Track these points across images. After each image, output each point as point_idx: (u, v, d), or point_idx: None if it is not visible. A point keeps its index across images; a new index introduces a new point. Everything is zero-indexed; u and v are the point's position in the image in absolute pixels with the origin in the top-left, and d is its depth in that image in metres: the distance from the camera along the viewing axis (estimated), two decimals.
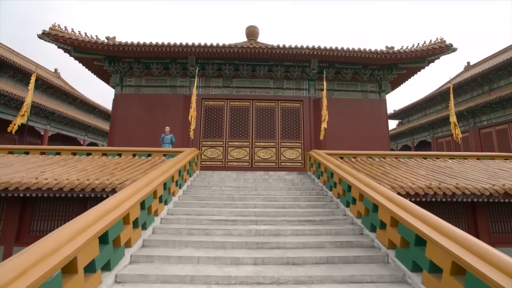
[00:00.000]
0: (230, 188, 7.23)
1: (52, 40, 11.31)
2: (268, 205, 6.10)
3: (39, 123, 20.39)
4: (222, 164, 12.83)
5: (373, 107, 13.21)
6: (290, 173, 8.83)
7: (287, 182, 8.03)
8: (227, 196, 6.49)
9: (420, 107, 25.94)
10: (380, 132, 12.93)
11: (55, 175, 5.68)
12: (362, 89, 13.55)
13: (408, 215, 3.69)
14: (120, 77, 13.22)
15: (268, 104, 13.43)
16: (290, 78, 13.52)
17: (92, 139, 25.21)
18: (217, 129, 13.17)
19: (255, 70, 13.34)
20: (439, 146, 22.17)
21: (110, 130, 13.00)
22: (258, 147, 13.03)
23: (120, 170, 6.34)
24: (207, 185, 7.26)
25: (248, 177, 8.25)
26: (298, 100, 13.44)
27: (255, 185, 7.51)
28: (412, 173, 6.44)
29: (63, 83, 25.59)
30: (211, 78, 13.51)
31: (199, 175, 8.40)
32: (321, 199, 6.56)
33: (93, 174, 5.79)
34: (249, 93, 13.42)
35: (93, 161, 7.13)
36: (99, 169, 6.26)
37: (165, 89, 13.41)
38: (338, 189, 6.34)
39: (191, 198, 6.42)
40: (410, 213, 3.74)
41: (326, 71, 13.33)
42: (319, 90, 13.55)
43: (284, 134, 13.19)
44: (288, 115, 13.38)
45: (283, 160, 12.96)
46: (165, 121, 12.52)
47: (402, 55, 11.64)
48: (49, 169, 6.23)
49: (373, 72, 13.34)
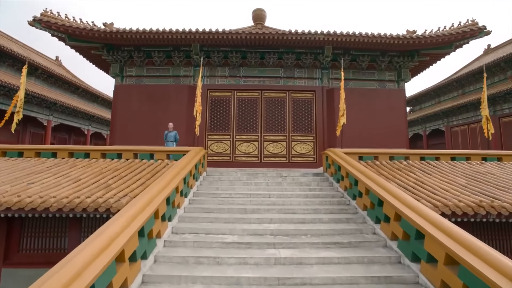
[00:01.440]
0: (241, 195, 6.42)
1: (44, 27, 10.27)
2: (286, 219, 5.29)
3: (41, 113, 19.64)
4: (229, 159, 12.01)
5: (391, 97, 12.08)
6: (306, 175, 7.97)
7: (303, 186, 7.18)
8: (239, 208, 5.68)
9: (434, 94, 24.50)
10: (398, 125, 11.88)
11: (43, 188, 4.90)
12: (379, 78, 12.37)
13: (479, 262, 2.82)
14: (120, 67, 12.22)
15: (278, 94, 12.39)
16: (302, 66, 12.38)
17: (96, 128, 24.50)
18: (223, 122, 12.25)
19: (264, 58, 12.21)
20: (454, 136, 21.00)
21: (112, 125, 12.17)
22: (268, 141, 12.13)
23: (118, 179, 5.53)
24: (215, 192, 6.45)
25: (259, 181, 7.41)
26: (310, 91, 12.36)
27: (268, 191, 6.68)
28: (450, 182, 5.52)
29: (65, 71, 24.60)
30: (217, 67, 12.44)
31: (206, 178, 7.60)
32: (344, 211, 5.73)
33: (86, 188, 5.00)
34: (257, 83, 12.36)
35: (89, 166, 6.33)
36: (94, 179, 5.46)
37: (168, 79, 12.40)
38: (365, 200, 5.49)
39: (198, 211, 5.63)
40: (479, 257, 2.87)
41: (341, 58, 12.13)
42: (333, 80, 12.42)
43: (295, 127, 12.23)
44: (300, 107, 12.35)
45: (294, 155, 12.08)
46: (168, 114, 11.63)
47: (426, 40, 10.37)
48: (38, 178, 5.46)
49: (392, 59, 12.10)
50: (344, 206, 5.98)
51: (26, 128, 20.27)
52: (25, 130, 20.25)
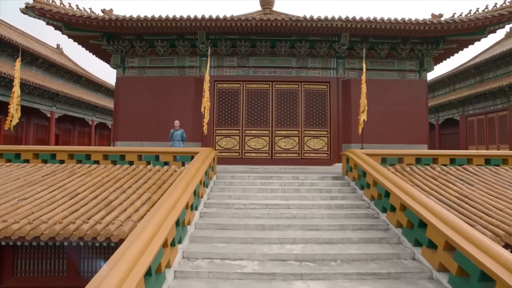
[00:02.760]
0: (256, 206, 5.72)
1: (37, 15, 9.34)
2: (310, 239, 4.60)
3: (44, 105, 18.93)
4: (238, 155, 11.28)
5: (411, 89, 11.07)
6: (324, 178, 7.21)
7: (323, 193, 6.45)
8: (256, 224, 4.99)
9: (449, 81, 23.17)
10: (418, 119, 10.94)
11: (35, 207, 4.22)
12: (399, 68, 11.31)
13: None
14: (121, 57, 11.31)
15: (290, 86, 11.44)
16: (316, 55, 11.35)
17: (100, 119, 23.82)
18: (232, 115, 11.42)
19: (275, 46, 11.18)
20: (469, 126, 19.91)
21: (114, 120, 11.43)
22: (279, 136, 11.32)
23: (120, 192, 4.84)
24: (228, 202, 5.76)
25: (275, 186, 6.69)
26: (325, 82, 11.38)
27: (286, 201, 5.97)
28: (501, 198, 4.71)
29: (67, 60, 23.65)
30: (224, 56, 11.46)
31: (217, 183, 6.89)
32: (374, 227, 5.01)
33: (84, 206, 4.31)
34: (268, 73, 11.40)
35: (88, 175, 5.63)
36: (93, 193, 4.77)
37: (172, 70, 11.50)
38: (399, 216, 4.74)
39: (210, 227, 4.95)
40: None
41: (358, 46, 11.07)
42: (349, 70, 11.41)
43: (308, 121, 11.36)
44: (313, 99, 11.42)
45: (307, 151, 11.30)
46: (173, 108, 10.82)
47: (457, 25, 9.24)
48: (31, 192, 4.78)
49: (414, 47, 10.98)
50: (373, 221, 5.25)
51: (30, 119, 19.65)
52: (29, 122, 19.64)
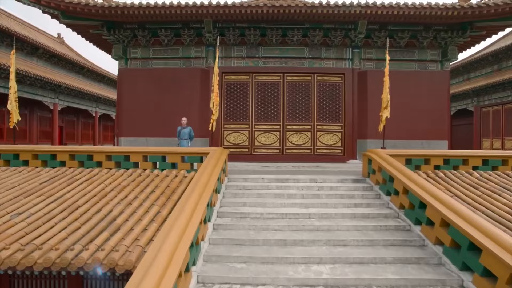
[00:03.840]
0: (274, 216, 5.15)
1: (32, 2, 8.58)
2: (339, 258, 4.04)
3: (46, 97, 18.31)
4: (248, 151, 10.68)
5: (432, 81, 10.24)
6: (344, 181, 6.61)
7: (345, 199, 5.86)
8: (276, 239, 4.44)
9: (463, 70, 22.05)
10: (439, 113, 10.18)
11: (30, 225, 3.69)
12: (420, 58, 10.44)
13: None
14: (123, 48, 10.56)
15: (302, 78, 10.67)
16: (330, 45, 10.50)
17: (104, 110, 23.23)
18: (241, 109, 10.74)
19: (286, 35, 10.34)
20: (484, 117, 19.02)
21: (117, 114, 10.83)
22: (290, 131, 10.66)
23: (125, 205, 4.28)
24: (243, 211, 5.20)
25: (292, 191, 6.10)
26: (339, 73, 10.58)
27: (306, 209, 5.39)
28: None
29: (68, 50, 22.83)
30: (232, 46, 10.66)
31: (229, 186, 6.31)
32: (408, 243, 4.43)
33: (84, 225, 3.76)
34: (278, 64, 10.61)
35: (90, 182, 5.08)
36: (95, 206, 4.22)
37: (177, 61, 10.76)
38: (439, 232, 4.13)
39: (226, 242, 4.41)
40: None
41: (376, 35, 10.20)
42: (365, 61, 10.57)
43: (321, 115, 10.65)
44: (327, 92, 10.67)
45: (319, 147, 10.65)
46: (179, 102, 10.17)
47: (490, 9, 8.31)
48: (27, 205, 4.25)
49: (437, 34, 10.07)
50: (406, 235, 4.66)
51: (33, 111, 19.13)
52: (32, 114, 19.13)
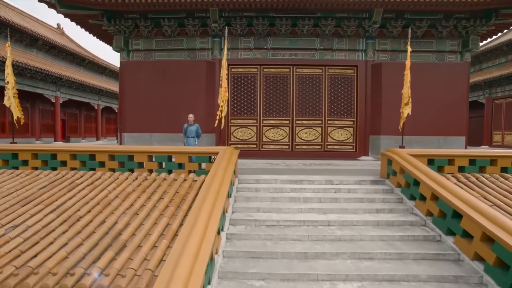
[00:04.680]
0: (291, 223, 4.74)
1: None
2: (367, 275, 3.63)
3: (47, 89, 17.84)
4: (256, 147, 10.23)
5: (451, 73, 9.63)
6: (362, 183, 6.17)
7: (366, 204, 5.44)
8: (296, 252, 4.03)
9: (474, 60, 21.15)
10: (457, 107, 9.61)
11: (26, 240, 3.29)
12: (438, 49, 9.80)
13: None
14: (125, 39, 9.99)
15: (312, 70, 10.09)
16: (342, 35, 9.86)
17: (106, 103, 22.73)
18: (248, 103, 10.23)
19: (296, 25, 9.70)
20: (496, 109, 18.36)
21: (120, 110, 10.35)
22: (300, 126, 10.16)
23: (130, 216, 3.86)
24: (257, 219, 4.78)
25: (308, 194, 5.67)
26: (352, 66, 9.99)
27: (325, 215, 4.97)
28: None
29: (68, 41, 22.17)
30: (239, 37, 10.06)
31: (240, 189, 5.90)
32: (441, 257, 4.01)
33: (86, 240, 3.36)
34: (288, 56, 10.02)
35: (93, 188, 4.66)
36: (97, 218, 3.80)
37: (181, 53, 10.19)
38: (478, 247, 3.69)
39: (241, 255, 4.01)
40: None
41: (391, 24, 9.54)
42: (379, 52, 9.95)
43: (333, 109, 10.12)
44: (338, 85, 10.11)
45: (330, 143, 10.17)
46: (184, 95, 9.67)
47: None
48: (23, 216, 3.83)
49: (458, 23, 9.39)
50: (437, 247, 4.23)
51: (34, 104, 18.70)
52: (34, 107, 18.71)
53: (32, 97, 18.02)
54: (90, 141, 22.19)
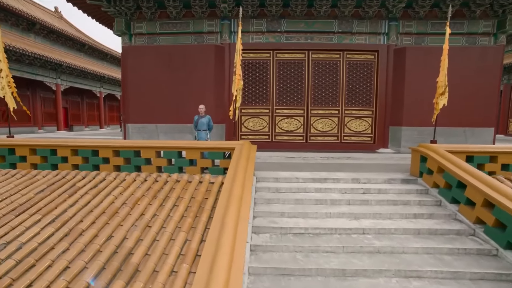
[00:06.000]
0: (321, 231, 4.16)
1: None
2: None
3: (47, 76, 17.07)
4: (268, 138, 9.57)
5: (483, 57, 8.74)
6: (391, 181, 5.55)
7: (400, 206, 4.83)
8: (333, 269, 3.48)
9: None
10: (487, 95, 8.80)
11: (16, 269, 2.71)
12: (470, 31, 8.88)
13: None
14: (126, 22, 9.14)
15: (329, 56, 9.24)
16: (363, 17, 8.93)
17: (108, 90, 21.94)
18: (260, 92, 9.48)
19: (313, 5, 8.78)
20: None
21: (123, 98, 9.63)
22: (315, 116, 9.44)
23: (141, 230, 3.26)
24: (283, 226, 4.20)
25: (335, 195, 5.07)
26: (372, 50, 9.12)
27: (357, 221, 4.38)
28: None
29: (67, 25, 21.10)
30: (251, 19, 9.16)
31: (259, 189, 5.28)
32: (504, 277, 3.43)
33: (90, 263, 2.79)
34: (303, 40, 9.15)
35: (97, 193, 4.06)
36: (102, 233, 3.22)
37: (187, 37, 9.35)
38: None
39: (269, 273, 3.45)
40: None
41: (418, 3, 8.58)
42: (403, 35, 9.04)
43: (350, 98, 9.35)
44: (357, 72, 9.28)
45: (347, 133, 9.47)
46: (191, 83, 8.95)
47: None
48: (17, 230, 3.27)
49: (495, 0, 8.41)
50: (497, 264, 3.63)
51: (35, 92, 17.99)
52: (34, 95, 18.00)
53: (32, 85, 17.30)
54: (94, 130, 21.59)
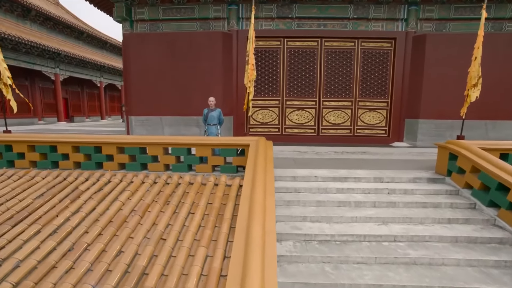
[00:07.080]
0: (349, 238, 3.78)
1: None
2: None
3: (46, 66, 16.42)
4: (277, 131, 9.10)
5: (510, 45, 8.15)
6: (417, 181, 5.14)
7: (430, 209, 4.43)
8: (367, 284, 3.10)
9: None
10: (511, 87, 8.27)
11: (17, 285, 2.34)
12: (496, 16, 8.24)
13: None
14: (127, 7, 8.50)
15: (343, 44, 8.65)
16: (380, 1, 8.27)
17: (109, 80, 21.27)
18: (270, 82, 8.94)
19: None
20: None
21: (125, 89, 9.09)
22: (328, 108, 8.93)
23: (154, 243, 2.85)
24: (307, 233, 3.81)
25: (358, 196, 4.66)
26: (389, 38, 8.51)
27: (386, 226, 3.99)
28: None
29: (64, 12, 20.22)
30: (260, 3, 8.51)
31: (277, 190, 4.85)
32: None
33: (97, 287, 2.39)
34: (316, 27, 8.53)
35: (102, 196, 3.65)
36: (110, 248, 2.81)
37: (193, 23, 8.73)
38: None
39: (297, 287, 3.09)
40: None
41: None
42: (423, 21, 8.42)
43: (364, 89, 8.82)
44: (372, 61, 8.71)
45: (360, 126, 8.99)
46: (197, 72, 8.40)
47: None
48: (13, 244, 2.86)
49: None
50: None
51: (34, 82, 17.36)
52: (33, 85, 17.39)
53: (31, 75, 16.68)
54: (95, 120, 21.07)
